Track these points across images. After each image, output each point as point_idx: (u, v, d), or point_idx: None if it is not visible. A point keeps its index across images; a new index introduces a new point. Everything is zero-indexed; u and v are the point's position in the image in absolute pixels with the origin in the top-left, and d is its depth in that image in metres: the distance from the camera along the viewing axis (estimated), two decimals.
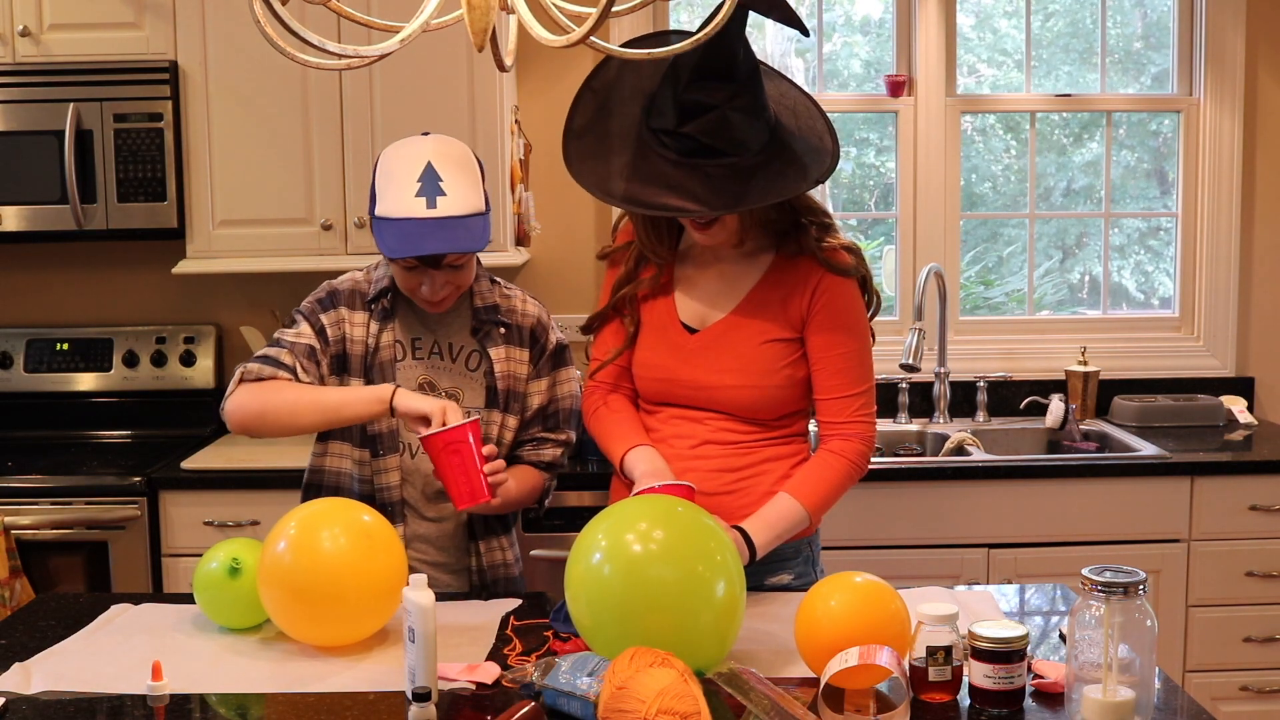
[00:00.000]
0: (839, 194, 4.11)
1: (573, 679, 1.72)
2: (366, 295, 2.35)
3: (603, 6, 1.26)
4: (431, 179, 2.18)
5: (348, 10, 1.60)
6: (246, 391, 2.25)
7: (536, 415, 2.40)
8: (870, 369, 2.27)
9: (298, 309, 2.36)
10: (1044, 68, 4.07)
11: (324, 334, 2.32)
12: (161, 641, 2.05)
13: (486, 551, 2.39)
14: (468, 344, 2.36)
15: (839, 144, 2.20)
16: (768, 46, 4.05)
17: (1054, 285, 4.26)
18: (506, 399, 2.35)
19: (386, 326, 2.33)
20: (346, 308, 2.34)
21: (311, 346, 2.29)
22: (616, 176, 2.16)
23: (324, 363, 2.31)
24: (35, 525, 3.22)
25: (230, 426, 2.29)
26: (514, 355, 2.37)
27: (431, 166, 2.19)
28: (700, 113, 2.07)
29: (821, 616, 1.81)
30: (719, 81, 2.06)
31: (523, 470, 2.38)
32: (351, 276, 2.39)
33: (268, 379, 2.25)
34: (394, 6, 3.06)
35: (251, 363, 2.27)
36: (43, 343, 3.78)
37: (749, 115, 2.09)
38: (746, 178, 2.10)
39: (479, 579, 2.38)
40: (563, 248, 3.86)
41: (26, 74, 3.42)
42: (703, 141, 2.08)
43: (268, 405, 2.23)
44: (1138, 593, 1.65)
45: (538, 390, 2.40)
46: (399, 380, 2.31)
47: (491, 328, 2.36)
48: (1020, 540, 3.33)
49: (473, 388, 2.35)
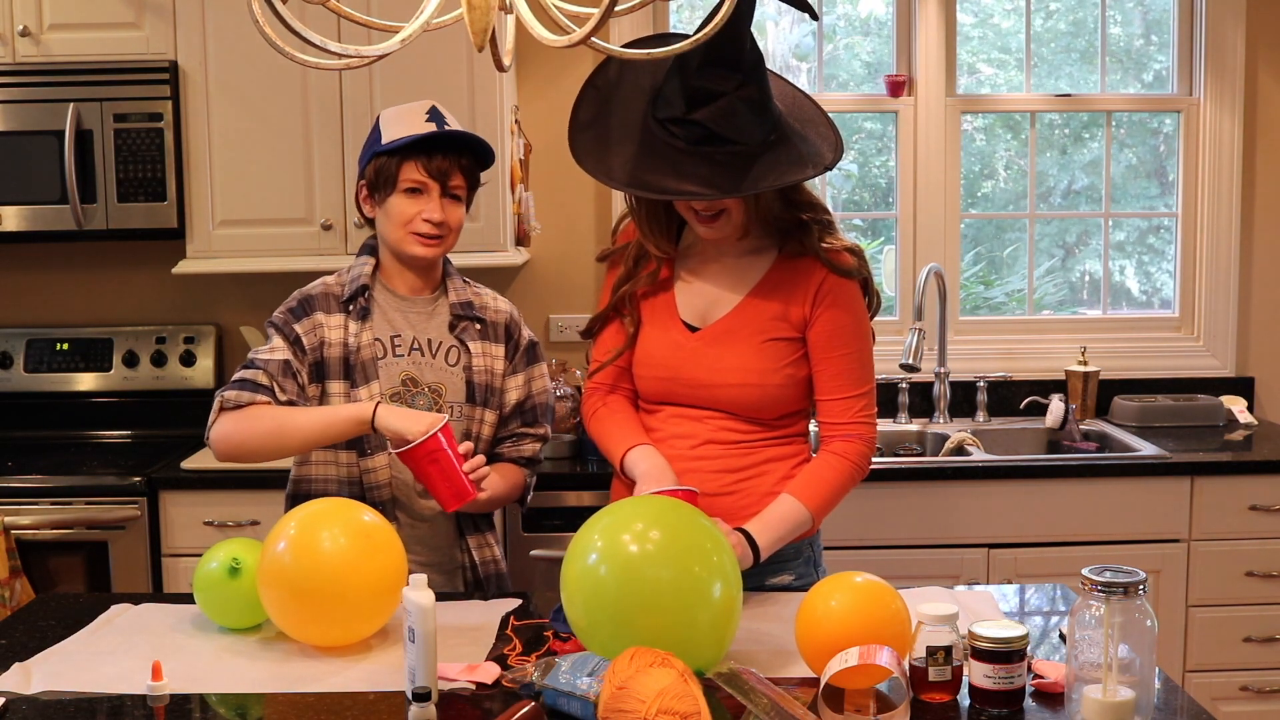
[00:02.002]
0: (839, 194, 4.11)
1: (573, 679, 1.72)
2: (341, 296, 2.35)
3: (605, 7, 1.26)
4: (438, 114, 2.32)
5: (347, 10, 1.60)
6: (229, 421, 2.25)
7: (514, 411, 2.43)
8: (871, 370, 2.27)
9: (270, 320, 2.36)
10: (1044, 67, 4.07)
11: (299, 343, 2.32)
12: (161, 641, 2.04)
13: (477, 548, 2.40)
14: (446, 339, 2.38)
15: (841, 137, 2.21)
16: (770, 46, 4.05)
17: (1054, 285, 4.26)
18: (485, 394, 2.38)
19: (365, 325, 2.34)
20: (322, 312, 2.34)
21: (286, 361, 2.29)
22: (623, 166, 2.18)
23: (302, 373, 2.31)
24: (35, 525, 3.22)
25: (216, 457, 2.29)
26: (490, 351, 2.40)
27: (436, 107, 2.34)
28: (709, 100, 2.08)
29: (822, 616, 1.81)
30: (727, 70, 2.08)
31: (505, 467, 2.40)
32: (323, 281, 2.40)
33: (246, 405, 2.25)
34: (394, 6, 3.06)
35: (229, 390, 2.27)
36: (43, 343, 3.78)
37: (754, 105, 2.11)
38: (752, 164, 2.11)
39: (472, 575, 2.40)
40: (563, 248, 3.86)
41: (26, 74, 3.42)
42: (710, 129, 2.09)
43: (250, 435, 2.24)
44: (1138, 593, 1.65)
45: (514, 386, 2.43)
46: (382, 377, 2.32)
47: (468, 324, 2.39)
48: (1020, 540, 3.33)
49: (453, 383, 2.37)
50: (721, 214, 2.19)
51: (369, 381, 2.31)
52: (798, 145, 2.17)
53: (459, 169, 2.32)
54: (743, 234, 2.24)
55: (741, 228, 2.22)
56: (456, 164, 2.32)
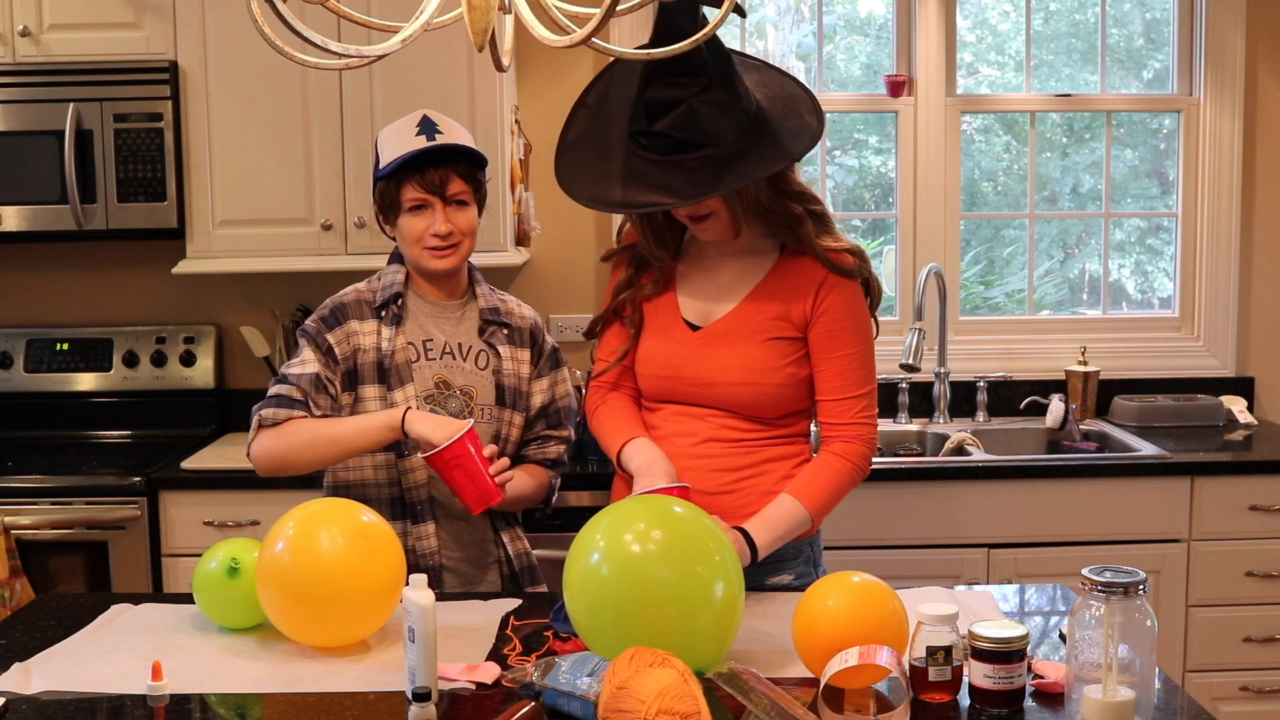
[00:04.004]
0: (839, 194, 4.11)
1: (573, 679, 1.72)
2: (374, 303, 2.39)
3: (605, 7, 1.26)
4: (428, 125, 2.34)
5: (347, 10, 1.60)
6: (268, 438, 2.32)
7: (540, 414, 2.48)
8: (873, 371, 2.27)
9: (302, 329, 2.40)
10: (1044, 68, 4.07)
11: (332, 354, 2.36)
12: (161, 641, 2.05)
13: (510, 541, 2.45)
14: (475, 344, 2.42)
15: (823, 121, 2.20)
16: (770, 47, 4.05)
17: (1054, 285, 4.26)
18: (514, 397, 2.43)
19: (398, 331, 2.38)
20: (355, 320, 2.38)
21: (316, 375, 2.34)
22: (602, 182, 2.21)
23: (334, 384, 2.35)
24: (35, 525, 3.22)
25: (259, 472, 2.36)
26: (517, 355, 2.45)
27: (427, 116, 2.36)
28: (668, 108, 2.09)
29: (819, 616, 1.81)
30: (684, 75, 2.08)
31: (531, 468, 2.46)
32: (355, 288, 2.44)
33: (283, 421, 2.31)
34: (394, 6, 3.06)
35: (265, 408, 2.33)
36: (43, 343, 3.78)
37: (720, 105, 2.10)
38: (725, 165, 2.11)
39: (508, 569, 2.44)
40: (563, 248, 3.86)
41: (26, 74, 3.42)
42: (676, 136, 2.10)
43: (290, 449, 2.31)
44: (1138, 593, 1.65)
45: (540, 390, 2.47)
46: (416, 380, 2.37)
47: (497, 329, 2.43)
48: (1020, 540, 3.33)
49: (484, 386, 2.41)
50: (709, 216, 2.20)
51: (403, 385, 2.35)
52: (774, 138, 2.16)
53: (456, 175, 2.34)
54: (736, 232, 2.24)
55: (733, 226, 2.22)
56: (453, 172, 2.34)
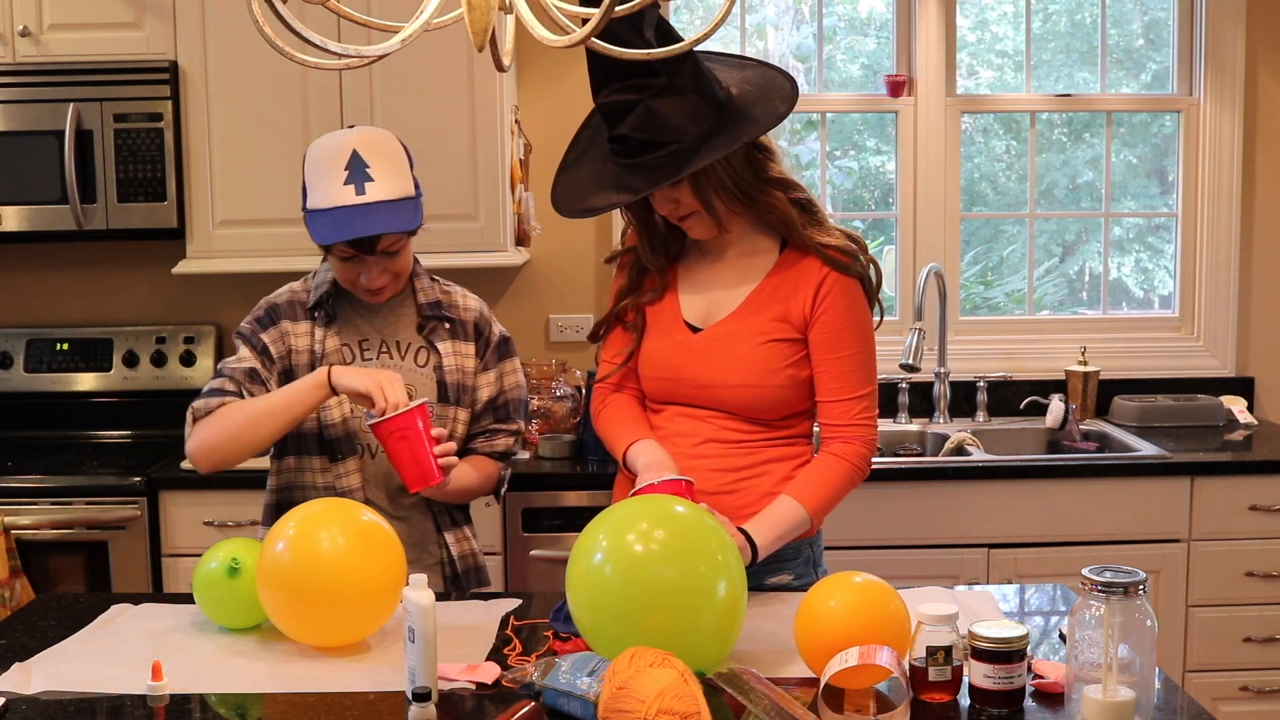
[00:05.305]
0: (839, 195, 4.11)
1: (573, 679, 1.72)
2: (307, 304, 2.36)
3: (605, 7, 1.26)
4: (359, 166, 2.20)
5: (347, 10, 1.60)
6: (202, 429, 2.26)
7: (487, 407, 2.43)
8: (873, 372, 2.27)
9: (238, 331, 2.37)
10: (1044, 68, 4.07)
11: (267, 353, 2.33)
12: (161, 641, 2.05)
13: (455, 543, 2.42)
14: (415, 340, 2.39)
15: (792, 106, 2.16)
16: (770, 48, 4.05)
17: (1054, 285, 4.26)
18: (457, 392, 2.38)
19: (331, 331, 2.35)
20: (288, 320, 2.35)
21: (252, 369, 2.30)
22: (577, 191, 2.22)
23: (271, 381, 2.31)
24: (35, 525, 3.22)
25: (199, 467, 2.28)
26: (460, 349, 2.40)
27: (357, 154, 2.21)
28: (624, 112, 2.09)
29: (821, 616, 1.81)
30: (632, 78, 2.08)
31: (477, 460, 2.41)
32: (289, 288, 2.41)
33: (215, 409, 2.26)
34: (394, 6, 3.06)
35: (198, 401, 2.28)
36: (43, 343, 3.78)
37: (680, 102, 2.09)
38: (688, 156, 2.11)
39: (450, 570, 2.41)
40: (563, 248, 3.86)
41: (26, 74, 3.42)
42: (637, 138, 2.10)
43: (222, 432, 2.24)
44: (1138, 593, 1.65)
45: (486, 383, 2.43)
46: None
47: (437, 323, 2.39)
48: (1020, 540, 3.33)
49: (424, 383, 2.37)
50: (691, 215, 2.20)
51: None
52: (743, 119, 2.14)
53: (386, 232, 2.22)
54: (723, 226, 2.22)
55: (713, 222, 2.21)
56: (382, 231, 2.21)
